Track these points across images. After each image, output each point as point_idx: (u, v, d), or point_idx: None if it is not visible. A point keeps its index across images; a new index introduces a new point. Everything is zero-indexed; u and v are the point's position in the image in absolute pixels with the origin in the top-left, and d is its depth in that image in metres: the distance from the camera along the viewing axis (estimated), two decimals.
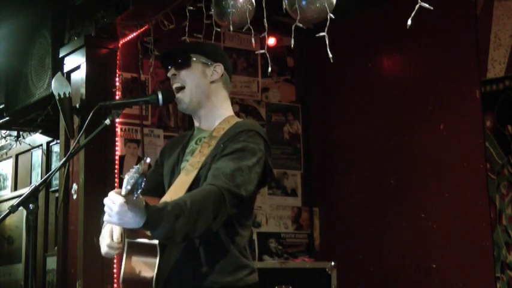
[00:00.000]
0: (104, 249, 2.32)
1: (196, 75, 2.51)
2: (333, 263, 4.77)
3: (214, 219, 2.18)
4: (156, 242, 2.26)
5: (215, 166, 2.32)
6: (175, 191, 2.33)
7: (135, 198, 1.94)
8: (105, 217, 2.07)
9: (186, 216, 2.09)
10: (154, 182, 2.53)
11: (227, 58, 2.63)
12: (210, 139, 2.44)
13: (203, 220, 2.14)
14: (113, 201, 2.00)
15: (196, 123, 2.58)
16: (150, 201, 2.06)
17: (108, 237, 2.30)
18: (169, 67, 2.56)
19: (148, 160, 1.90)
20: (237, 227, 2.37)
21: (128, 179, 1.91)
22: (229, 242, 2.34)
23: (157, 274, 2.24)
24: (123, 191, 1.94)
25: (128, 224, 2.03)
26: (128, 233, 2.30)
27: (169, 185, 2.45)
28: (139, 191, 1.91)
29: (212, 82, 2.54)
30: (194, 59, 2.52)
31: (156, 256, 2.25)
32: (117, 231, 2.29)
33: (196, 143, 2.51)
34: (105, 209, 2.04)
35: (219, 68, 2.55)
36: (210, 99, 2.53)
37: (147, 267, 2.25)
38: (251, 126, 2.45)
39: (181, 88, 2.52)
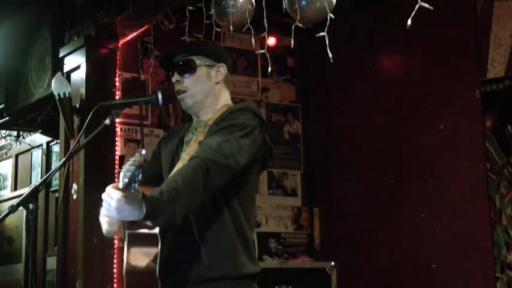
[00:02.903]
0: (104, 226, 2.32)
1: (201, 80, 2.51)
2: (333, 263, 4.77)
3: (204, 191, 2.19)
4: (156, 231, 2.27)
5: (203, 141, 2.34)
6: None
7: (132, 191, 1.94)
8: (104, 211, 2.08)
9: (182, 198, 2.10)
10: (152, 173, 2.53)
11: (227, 56, 2.63)
12: (205, 127, 2.46)
13: (196, 196, 2.17)
14: (111, 197, 2.00)
15: (195, 117, 2.59)
16: (148, 191, 2.06)
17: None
18: (171, 72, 2.54)
19: (143, 152, 1.89)
20: (240, 213, 2.36)
21: (125, 172, 1.91)
22: (232, 229, 2.33)
23: (159, 263, 2.25)
24: (121, 184, 1.94)
25: (128, 217, 2.03)
26: (128, 225, 2.31)
27: (169, 174, 2.44)
28: (137, 183, 1.91)
29: (217, 83, 2.54)
30: (198, 62, 2.51)
31: (157, 245, 2.27)
32: None
33: (192, 133, 2.52)
34: (103, 204, 2.04)
35: (223, 69, 2.55)
36: (212, 97, 2.54)
37: (149, 257, 2.27)
38: (243, 105, 2.48)
39: (185, 91, 2.52)
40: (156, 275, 2.25)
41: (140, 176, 1.89)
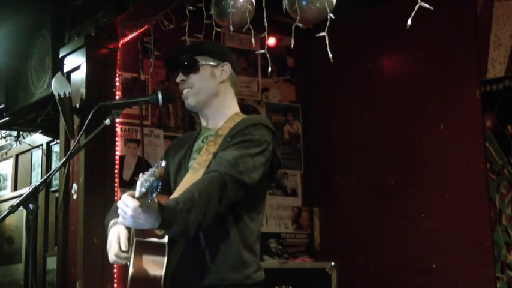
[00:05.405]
0: (111, 258, 2.31)
1: (206, 79, 2.52)
2: (333, 263, 4.77)
3: (219, 204, 2.22)
4: (165, 241, 2.28)
5: (219, 155, 2.35)
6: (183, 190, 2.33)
7: (149, 201, 1.95)
8: (119, 219, 2.10)
9: (196, 209, 2.13)
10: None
11: (232, 55, 2.63)
12: (216, 137, 2.46)
13: (212, 208, 2.19)
14: (126, 204, 2.01)
15: (203, 123, 2.60)
16: (159, 199, 2.07)
17: (116, 244, 2.29)
18: (175, 73, 2.55)
19: (163, 164, 1.89)
20: (247, 222, 2.38)
21: (143, 181, 1.92)
22: (238, 239, 2.35)
23: (165, 273, 2.26)
24: (137, 193, 1.95)
25: (143, 225, 2.06)
26: (137, 232, 2.31)
27: (177, 181, 2.46)
28: (155, 194, 1.92)
29: (221, 82, 2.55)
30: (202, 62, 2.52)
31: (164, 255, 2.27)
32: (123, 239, 2.29)
33: (202, 141, 2.53)
34: (119, 211, 2.06)
35: (227, 68, 2.56)
36: (218, 98, 2.55)
37: (156, 266, 2.27)
38: (257, 120, 2.48)
39: (190, 88, 2.52)
40: (161, 285, 2.25)
41: (159, 187, 1.90)
